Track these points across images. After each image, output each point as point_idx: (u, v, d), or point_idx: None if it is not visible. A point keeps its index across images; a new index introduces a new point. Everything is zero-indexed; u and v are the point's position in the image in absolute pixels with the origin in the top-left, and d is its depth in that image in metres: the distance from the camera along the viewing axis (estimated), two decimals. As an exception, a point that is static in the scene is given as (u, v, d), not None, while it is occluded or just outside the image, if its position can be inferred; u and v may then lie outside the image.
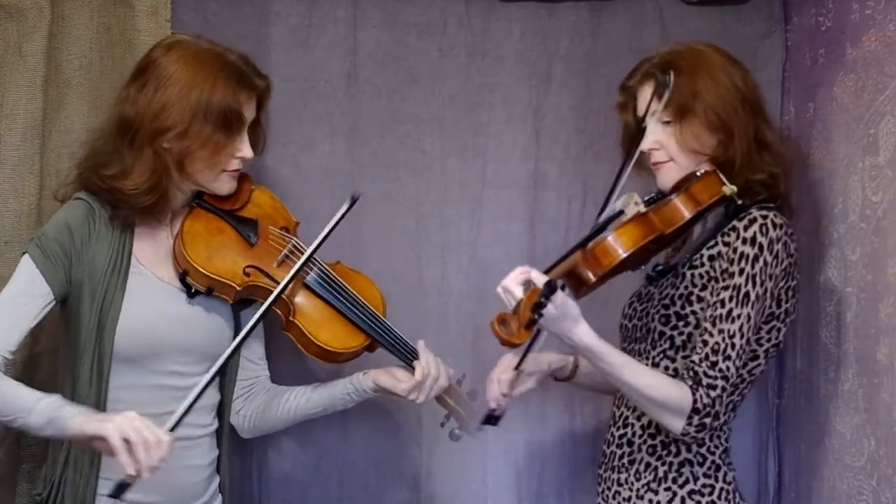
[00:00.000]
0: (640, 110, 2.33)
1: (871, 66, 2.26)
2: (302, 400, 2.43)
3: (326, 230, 2.30)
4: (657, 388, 2.17)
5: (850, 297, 2.30)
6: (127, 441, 1.99)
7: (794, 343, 2.57)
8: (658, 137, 2.29)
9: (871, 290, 2.22)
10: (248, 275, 2.32)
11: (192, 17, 2.70)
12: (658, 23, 2.76)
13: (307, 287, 2.37)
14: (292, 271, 2.29)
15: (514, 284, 2.10)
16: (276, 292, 2.27)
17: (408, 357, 2.40)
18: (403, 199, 2.78)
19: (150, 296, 2.29)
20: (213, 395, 2.39)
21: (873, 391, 2.19)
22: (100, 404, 2.24)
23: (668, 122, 2.28)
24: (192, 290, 2.31)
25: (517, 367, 2.27)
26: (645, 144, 2.29)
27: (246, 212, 2.40)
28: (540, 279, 2.07)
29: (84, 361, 2.25)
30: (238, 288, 2.31)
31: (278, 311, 2.34)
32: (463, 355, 2.67)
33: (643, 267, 2.31)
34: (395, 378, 2.36)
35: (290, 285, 2.30)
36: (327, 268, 2.40)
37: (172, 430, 2.07)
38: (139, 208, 2.26)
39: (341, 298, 2.38)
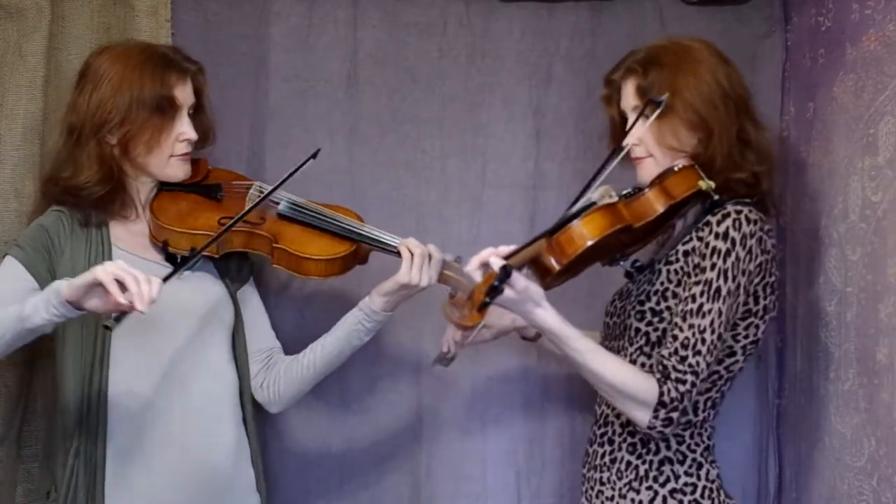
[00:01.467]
0: (623, 104, 2.33)
1: (871, 66, 2.26)
2: (318, 349, 2.45)
3: (292, 171, 2.38)
4: (623, 377, 2.15)
5: (850, 297, 2.30)
6: (118, 281, 2.03)
7: (794, 343, 2.57)
8: (638, 133, 2.28)
9: (871, 290, 2.22)
10: (223, 224, 2.37)
11: (192, 17, 2.71)
12: (658, 23, 2.76)
13: (281, 217, 2.44)
14: (269, 190, 2.39)
15: (473, 268, 2.09)
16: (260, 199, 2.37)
17: (397, 249, 2.43)
18: (403, 199, 2.78)
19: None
20: (231, 376, 2.43)
21: (873, 391, 2.19)
22: (102, 386, 2.28)
23: (647, 118, 2.27)
24: (179, 260, 2.36)
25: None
26: (627, 140, 2.29)
27: (207, 181, 2.48)
28: (497, 263, 2.05)
29: (86, 347, 2.28)
30: None
31: (261, 250, 2.41)
32: (463, 354, 2.66)
33: (622, 263, 2.31)
34: (394, 277, 2.39)
35: (265, 221, 2.40)
36: (296, 197, 2.47)
37: (165, 280, 2.11)
38: (96, 200, 2.33)
39: (316, 216, 2.45)
